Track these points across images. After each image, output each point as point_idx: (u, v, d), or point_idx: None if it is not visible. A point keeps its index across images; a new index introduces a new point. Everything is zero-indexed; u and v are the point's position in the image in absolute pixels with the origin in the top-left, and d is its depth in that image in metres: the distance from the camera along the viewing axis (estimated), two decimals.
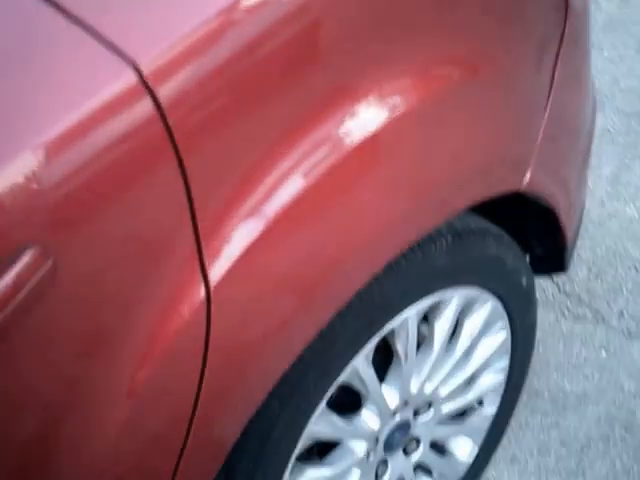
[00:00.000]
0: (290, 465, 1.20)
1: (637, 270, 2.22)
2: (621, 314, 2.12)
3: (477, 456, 1.67)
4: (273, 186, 0.90)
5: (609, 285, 2.20)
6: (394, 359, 1.34)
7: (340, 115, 0.94)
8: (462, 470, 1.66)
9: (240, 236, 0.88)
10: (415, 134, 1.05)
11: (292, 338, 1.01)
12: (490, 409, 1.64)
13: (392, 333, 1.28)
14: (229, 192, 0.86)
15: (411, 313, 1.26)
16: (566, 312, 2.14)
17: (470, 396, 1.55)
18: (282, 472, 1.18)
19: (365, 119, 0.97)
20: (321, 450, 1.35)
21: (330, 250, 0.99)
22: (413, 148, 1.05)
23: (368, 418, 1.33)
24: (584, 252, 2.25)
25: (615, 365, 2.01)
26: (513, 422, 1.79)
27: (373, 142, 0.98)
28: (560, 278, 2.20)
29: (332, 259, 1.00)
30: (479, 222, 1.36)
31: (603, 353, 2.04)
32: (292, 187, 0.92)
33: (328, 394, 1.20)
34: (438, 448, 1.60)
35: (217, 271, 0.87)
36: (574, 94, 1.46)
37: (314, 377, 1.14)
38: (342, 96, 0.93)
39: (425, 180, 1.09)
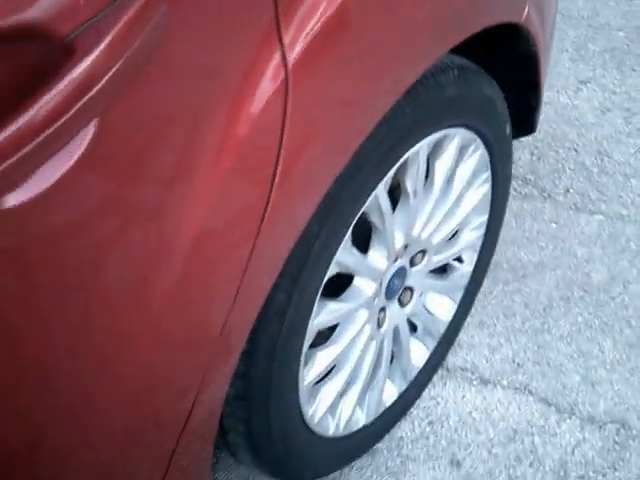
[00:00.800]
0: (320, 290, 1.20)
1: (576, 151, 2.32)
2: (566, 190, 2.21)
3: (455, 315, 1.72)
4: None
5: (552, 166, 2.29)
6: (401, 199, 1.36)
7: None
8: (442, 328, 1.71)
9: (314, 15, 0.88)
10: None
11: (352, 126, 1.02)
12: (468, 267, 1.69)
13: (403, 169, 1.30)
14: None
15: (423, 144, 1.28)
16: (514, 192, 2.21)
17: (455, 249, 1.60)
18: (315, 295, 1.19)
19: None
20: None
21: (392, 40, 1.01)
22: None
23: (377, 257, 1.35)
24: (524, 137, 2.31)
25: (566, 235, 2.10)
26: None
27: None
28: None
29: (393, 49, 1.02)
30: (475, 65, 1.39)
31: (554, 226, 2.13)
32: None
33: (353, 222, 1.20)
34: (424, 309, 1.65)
35: (294, 46, 0.86)
36: None
37: (346, 200, 1.15)
38: None
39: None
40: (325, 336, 1.39)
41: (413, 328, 1.66)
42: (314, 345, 1.34)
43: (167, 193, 0.82)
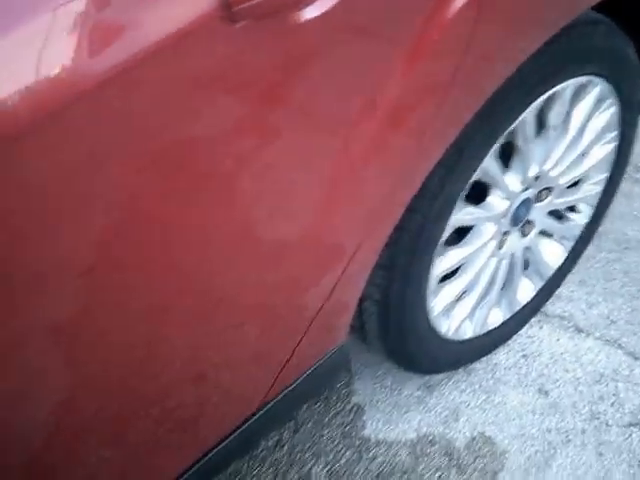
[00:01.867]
0: (465, 188, 1.40)
1: None
2: None
3: (562, 263, 1.89)
4: None
5: None
6: (543, 132, 1.54)
7: None
8: (549, 273, 1.88)
9: None
10: None
11: (522, 42, 1.24)
12: (583, 219, 1.86)
13: (550, 103, 1.48)
14: None
15: (570, 83, 1.47)
16: (626, 175, 2.35)
17: (574, 197, 1.78)
18: (461, 190, 1.39)
19: None
20: None
21: None
22: None
23: (513, 178, 1.54)
24: None
25: None
26: None
27: None
28: None
29: None
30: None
31: None
32: None
33: (504, 133, 1.40)
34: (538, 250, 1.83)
35: None
36: None
37: (503, 110, 1.34)
38: None
39: None
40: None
41: (525, 267, 1.84)
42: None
43: (374, 61, 1.03)
